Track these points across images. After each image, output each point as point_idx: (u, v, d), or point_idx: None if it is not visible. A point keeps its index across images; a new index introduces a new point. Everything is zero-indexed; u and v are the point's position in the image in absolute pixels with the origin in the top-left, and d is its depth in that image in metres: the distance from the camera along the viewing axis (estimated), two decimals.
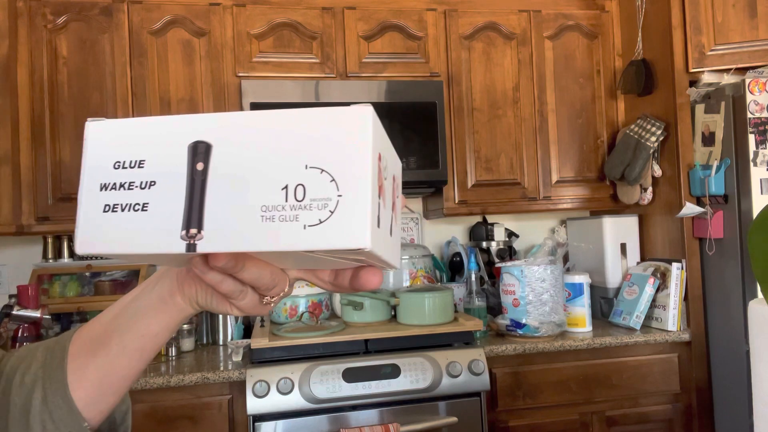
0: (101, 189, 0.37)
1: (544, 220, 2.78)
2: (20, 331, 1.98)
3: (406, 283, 2.29)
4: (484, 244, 2.55)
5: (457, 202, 2.32)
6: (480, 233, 2.57)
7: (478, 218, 2.64)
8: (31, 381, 0.49)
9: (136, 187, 0.36)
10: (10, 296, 2.10)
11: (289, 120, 0.35)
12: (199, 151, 0.36)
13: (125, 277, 2.30)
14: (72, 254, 2.34)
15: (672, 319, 2.11)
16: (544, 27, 2.42)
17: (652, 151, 2.20)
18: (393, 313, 2.08)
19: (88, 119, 0.39)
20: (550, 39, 2.42)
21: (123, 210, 0.36)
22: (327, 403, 1.78)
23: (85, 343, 0.50)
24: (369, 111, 0.34)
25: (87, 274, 2.28)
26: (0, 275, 2.35)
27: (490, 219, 2.63)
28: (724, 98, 2.01)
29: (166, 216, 0.35)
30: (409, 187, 2.25)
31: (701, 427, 2.11)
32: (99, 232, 0.36)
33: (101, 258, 2.32)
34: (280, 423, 1.76)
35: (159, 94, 2.14)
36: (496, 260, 2.51)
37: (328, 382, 1.79)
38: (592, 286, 2.33)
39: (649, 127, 2.19)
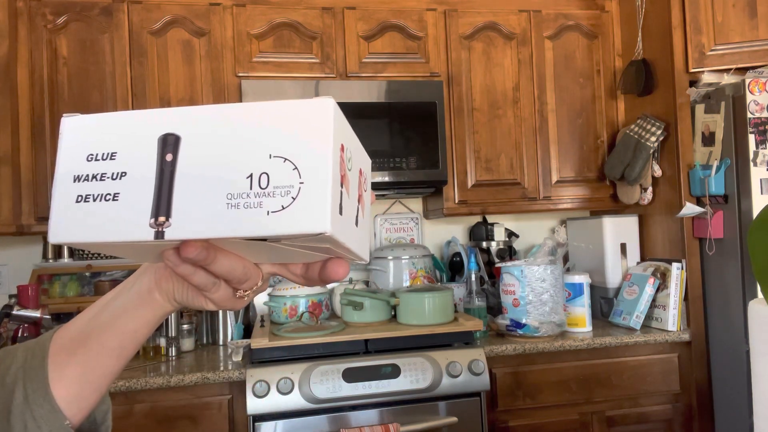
0: (74, 180, 0.38)
1: (544, 220, 2.78)
2: (20, 331, 1.98)
3: (406, 283, 2.29)
4: (484, 244, 2.55)
5: (457, 202, 2.32)
6: (480, 233, 2.57)
7: (478, 218, 2.64)
8: (11, 381, 0.50)
9: (108, 178, 0.37)
10: (10, 296, 2.10)
11: (254, 112, 0.36)
12: (169, 143, 0.37)
13: (125, 277, 2.29)
14: (72, 254, 2.34)
15: (672, 319, 2.11)
16: (544, 27, 2.42)
17: (652, 151, 2.20)
18: (393, 313, 2.08)
19: (64, 115, 0.40)
20: (550, 39, 2.42)
21: (95, 200, 0.37)
22: (327, 403, 1.78)
23: (65, 342, 0.51)
24: (330, 103, 0.36)
25: (87, 274, 2.28)
26: (0, 275, 2.35)
27: (490, 219, 2.63)
28: (724, 98, 2.01)
29: (135, 205, 0.36)
30: (409, 187, 2.25)
31: (701, 427, 2.11)
32: (71, 221, 0.37)
33: (101, 258, 2.32)
34: (280, 423, 1.77)
35: (159, 94, 2.14)
36: (496, 260, 2.51)
37: (328, 382, 1.79)
38: (592, 286, 2.33)
39: (649, 127, 2.19)
